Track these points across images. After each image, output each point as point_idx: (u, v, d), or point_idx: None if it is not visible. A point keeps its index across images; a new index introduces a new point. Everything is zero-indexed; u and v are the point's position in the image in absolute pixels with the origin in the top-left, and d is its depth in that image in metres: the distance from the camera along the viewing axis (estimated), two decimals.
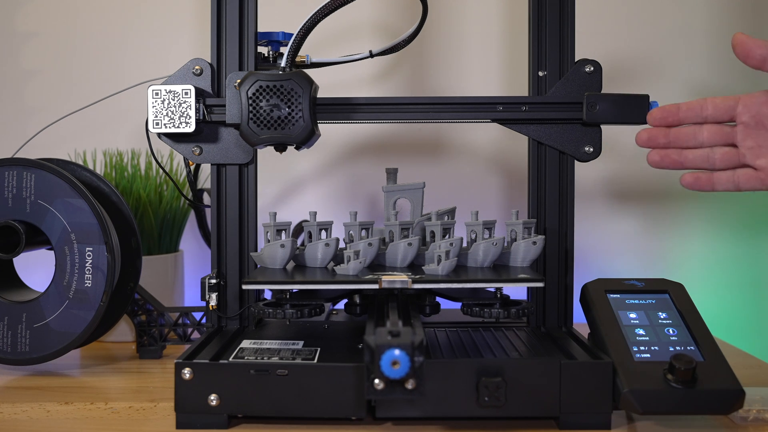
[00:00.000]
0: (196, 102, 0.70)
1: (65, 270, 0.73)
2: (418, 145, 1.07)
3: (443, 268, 0.66)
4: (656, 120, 0.68)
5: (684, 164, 0.67)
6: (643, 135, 0.68)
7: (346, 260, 0.67)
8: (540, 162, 0.75)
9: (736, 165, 0.65)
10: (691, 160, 0.67)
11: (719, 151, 0.66)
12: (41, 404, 0.66)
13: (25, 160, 0.74)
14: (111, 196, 0.81)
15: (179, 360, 0.59)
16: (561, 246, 0.74)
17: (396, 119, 0.74)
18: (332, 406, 0.59)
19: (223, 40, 0.74)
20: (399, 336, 0.51)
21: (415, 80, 1.07)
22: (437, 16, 1.05)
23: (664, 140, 0.67)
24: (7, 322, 0.74)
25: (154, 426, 0.61)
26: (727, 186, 0.66)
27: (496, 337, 0.69)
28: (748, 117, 0.64)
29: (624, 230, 1.07)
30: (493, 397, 0.57)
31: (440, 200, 0.89)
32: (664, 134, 0.67)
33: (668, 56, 1.06)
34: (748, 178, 0.65)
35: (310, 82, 0.68)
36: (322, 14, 0.70)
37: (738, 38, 0.63)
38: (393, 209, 0.80)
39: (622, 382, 0.57)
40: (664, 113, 0.67)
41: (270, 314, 0.66)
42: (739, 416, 0.60)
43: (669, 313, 0.65)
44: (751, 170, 0.64)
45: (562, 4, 0.74)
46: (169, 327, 0.83)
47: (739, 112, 0.64)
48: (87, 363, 0.80)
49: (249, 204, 0.75)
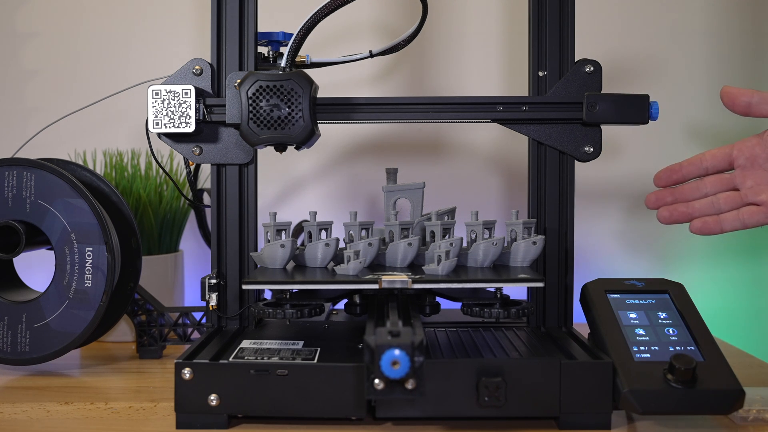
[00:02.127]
0: (196, 102, 0.70)
1: (65, 270, 0.73)
2: (418, 145, 1.07)
3: (443, 268, 0.66)
4: (662, 180, 0.73)
5: (692, 215, 0.71)
6: (652, 197, 0.73)
7: (346, 260, 0.67)
8: (540, 162, 0.75)
9: (740, 205, 0.70)
10: (699, 210, 0.71)
11: (723, 195, 0.71)
12: (41, 404, 0.66)
13: (25, 160, 0.74)
14: (111, 196, 0.81)
15: (179, 360, 0.59)
16: (561, 246, 0.74)
17: (396, 119, 0.74)
18: (332, 406, 0.59)
19: (223, 40, 0.74)
20: (399, 336, 0.51)
21: (415, 80, 1.07)
22: (437, 16, 1.05)
23: (671, 198, 0.72)
24: (7, 322, 0.74)
25: (154, 426, 0.61)
26: (734, 225, 0.70)
27: (496, 337, 0.69)
28: (744, 160, 0.69)
29: (624, 230, 1.07)
30: (493, 397, 0.57)
31: (440, 200, 0.89)
32: (670, 193, 0.73)
33: (668, 56, 1.06)
34: (752, 214, 0.69)
35: (310, 82, 0.68)
36: (322, 14, 0.70)
37: (725, 90, 0.69)
38: (393, 209, 0.80)
39: (622, 382, 0.57)
40: (668, 173, 0.72)
41: (270, 314, 0.66)
42: (739, 416, 0.60)
43: (669, 313, 0.65)
44: (754, 207, 0.69)
45: (562, 4, 0.74)
46: (169, 327, 0.83)
47: (735, 156, 0.70)
48: (87, 363, 0.80)
49: (249, 204, 0.75)
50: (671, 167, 0.73)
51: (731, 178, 0.71)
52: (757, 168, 0.69)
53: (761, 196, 0.68)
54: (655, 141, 1.06)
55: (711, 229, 0.70)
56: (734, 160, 0.70)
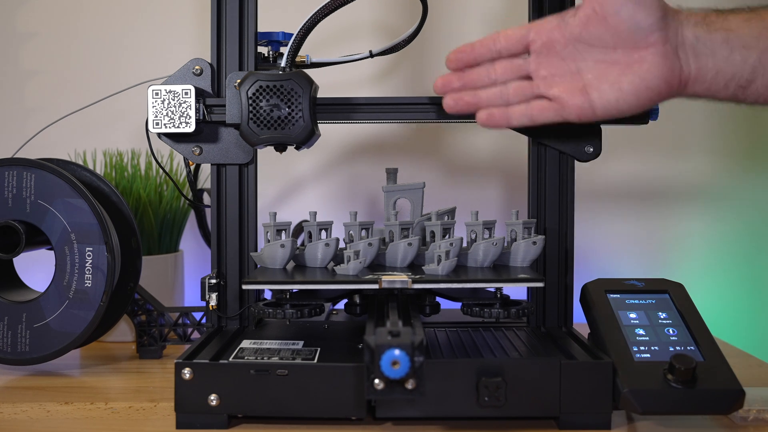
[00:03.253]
0: (196, 102, 0.70)
1: (65, 270, 0.73)
2: (418, 145, 1.07)
3: (443, 268, 0.66)
4: (452, 62, 0.62)
5: (479, 104, 0.62)
6: (438, 82, 0.63)
7: (346, 260, 0.67)
8: (540, 162, 0.75)
9: (531, 97, 0.61)
10: (485, 99, 0.62)
11: (512, 85, 0.61)
12: (41, 404, 0.66)
13: (25, 160, 0.74)
14: (111, 196, 0.81)
15: (179, 360, 0.59)
16: (561, 246, 0.74)
17: (396, 119, 0.74)
18: (332, 406, 0.59)
19: (223, 40, 0.74)
20: (399, 336, 0.51)
21: (415, 80, 1.07)
22: (437, 16, 1.05)
23: (458, 83, 0.62)
24: (7, 322, 0.74)
25: (154, 426, 0.61)
26: (521, 120, 0.61)
27: (496, 337, 0.69)
28: (540, 45, 0.60)
29: (624, 230, 1.07)
30: (493, 397, 0.57)
31: (440, 200, 0.89)
32: (458, 78, 0.62)
33: None
34: (542, 109, 0.60)
35: (310, 82, 0.68)
36: (322, 14, 0.70)
37: None
38: (393, 209, 0.80)
39: (622, 382, 0.57)
40: (458, 54, 0.62)
41: (270, 314, 0.66)
42: (739, 416, 0.60)
43: (669, 313, 0.65)
44: (545, 101, 0.60)
45: (562, 4, 0.74)
46: (169, 327, 0.83)
47: (531, 39, 0.60)
48: (87, 363, 0.80)
49: (249, 204, 0.75)
50: (462, 47, 0.62)
51: (524, 65, 0.61)
52: (553, 56, 0.59)
53: (553, 89, 0.59)
54: (655, 141, 1.06)
55: (497, 122, 0.61)
56: (530, 44, 0.60)
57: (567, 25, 0.59)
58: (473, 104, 0.62)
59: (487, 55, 0.62)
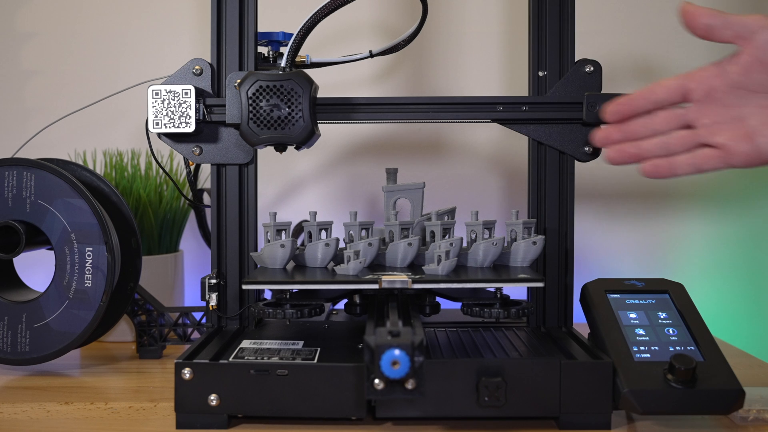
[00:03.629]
0: (196, 102, 0.70)
1: (65, 270, 0.73)
2: (418, 145, 1.07)
3: (443, 268, 0.66)
4: (610, 114, 0.63)
5: (642, 156, 0.62)
6: (599, 135, 0.65)
7: (346, 260, 0.67)
8: (540, 162, 0.75)
9: (694, 146, 0.61)
10: (648, 150, 0.62)
11: (675, 135, 0.61)
12: (41, 404, 0.66)
13: (25, 160, 0.74)
14: (111, 196, 0.81)
15: (179, 360, 0.59)
16: (561, 246, 0.74)
17: (396, 119, 0.74)
18: (332, 406, 0.59)
19: (223, 40, 0.74)
20: (399, 336, 0.51)
21: (415, 80, 1.07)
22: (437, 16, 1.05)
23: (618, 136, 0.63)
24: (7, 322, 0.74)
25: (154, 426, 0.61)
26: (687, 170, 0.61)
27: (496, 337, 0.69)
28: (701, 93, 0.60)
29: (624, 230, 1.07)
30: (493, 397, 0.57)
31: (440, 200, 0.89)
32: (617, 130, 0.63)
33: (668, 56, 1.06)
34: (708, 157, 0.60)
35: (310, 82, 0.68)
36: (322, 14, 0.70)
37: (685, 8, 0.60)
38: (393, 209, 0.80)
39: (622, 382, 0.57)
40: (617, 106, 0.63)
41: (270, 314, 0.66)
42: (739, 416, 0.60)
43: (669, 313, 0.65)
44: (710, 150, 0.60)
45: (562, 4, 0.74)
46: (169, 327, 0.83)
47: (691, 89, 0.60)
48: (87, 363, 0.80)
49: (249, 204, 0.75)
50: (621, 99, 0.63)
51: (685, 114, 0.61)
52: (715, 103, 0.59)
53: (718, 137, 0.59)
54: None
55: (662, 173, 0.61)
56: (690, 94, 0.60)
57: (727, 73, 0.59)
58: (636, 155, 0.62)
59: (645, 106, 0.62)
